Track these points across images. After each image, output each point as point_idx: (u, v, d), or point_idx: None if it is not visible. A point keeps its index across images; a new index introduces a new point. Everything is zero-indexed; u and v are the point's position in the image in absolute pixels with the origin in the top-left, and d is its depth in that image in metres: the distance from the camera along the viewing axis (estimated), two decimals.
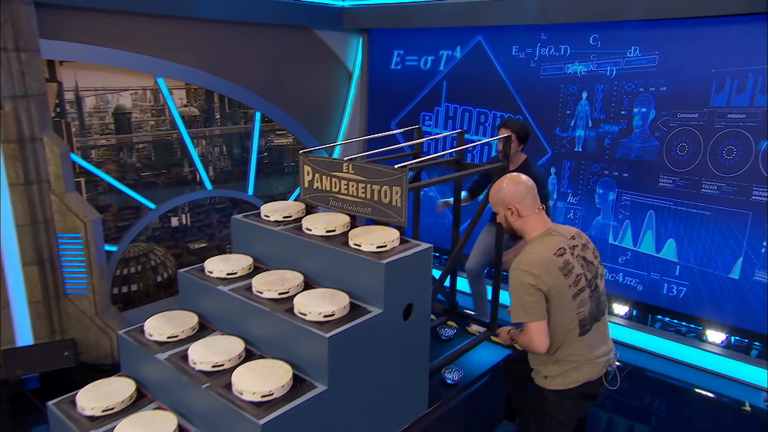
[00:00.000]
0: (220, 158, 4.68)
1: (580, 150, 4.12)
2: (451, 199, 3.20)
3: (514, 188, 2.12)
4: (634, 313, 4.14)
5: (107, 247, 4.02)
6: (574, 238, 2.15)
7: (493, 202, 2.18)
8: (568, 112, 4.15)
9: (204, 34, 4.25)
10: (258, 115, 4.82)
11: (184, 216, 4.49)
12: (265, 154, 4.99)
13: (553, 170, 4.27)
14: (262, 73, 4.71)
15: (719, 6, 3.30)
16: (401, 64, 5.19)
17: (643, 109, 3.80)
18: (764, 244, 3.48)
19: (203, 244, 4.64)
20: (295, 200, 2.81)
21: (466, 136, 4.73)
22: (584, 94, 4.02)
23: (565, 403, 2.13)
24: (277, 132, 5.05)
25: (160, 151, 4.27)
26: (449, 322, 3.02)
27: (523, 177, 2.15)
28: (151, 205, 4.25)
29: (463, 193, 3.28)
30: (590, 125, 4.03)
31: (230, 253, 2.47)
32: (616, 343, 4.02)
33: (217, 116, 4.59)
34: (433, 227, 5.11)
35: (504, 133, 3.15)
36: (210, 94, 4.51)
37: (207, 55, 4.31)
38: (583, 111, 4.05)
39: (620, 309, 4.17)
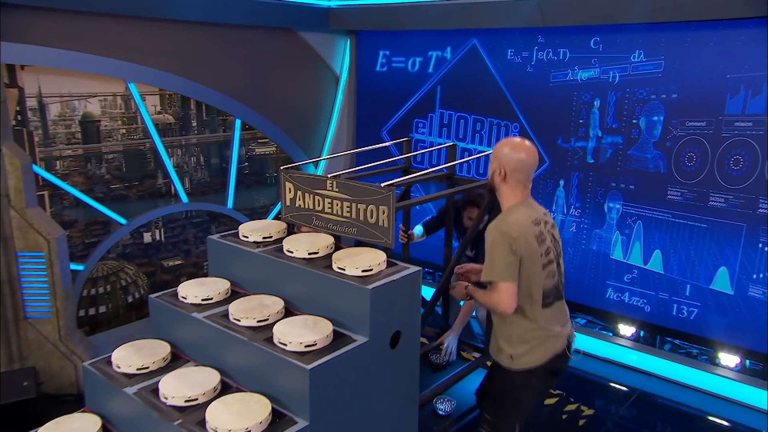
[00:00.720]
0: (196, 169, 4.69)
1: (591, 161, 4.13)
2: (418, 229, 3.22)
3: (515, 155, 2.20)
4: (642, 334, 4.17)
5: (73, 266, 4.00)
6: (546, 216, 2.32)
7: (494, 152, 2.27)
8: (572, 120, 4.19)
9: (179, 36, 4.27)
10: (238, 123, 4.84)
11: (157, 231, 4.49)
12: (246, 164, 5.01)
13: (561, 182, 4.30)
14: (242, 78, 4.73)
15: (721, 9, 3.37)
16: (387, 66, 5.22)
17: (654, 118, 3.84)
18: None
19: (178, 262, 4.63)
20: (275, 218, 2.83)
21: (462, 144, 4.76)
22: (596, 102, 4.03)
23: (532, 381, 2.26)
24: (259, 140, 5.07)
25: (131, 162, 4.27)
26: (441, 347, 3.03)
27: (533, 150, 2.22)
28: (122, 220, 4.25)
29: (419, 228, 3.28)
30: (600, 135, 4.06)
31: (207, 272, 2.47)
32: (622, 366, 4.06)
33: (194, 124, 4.61)
34: (426, 240, 5.12)
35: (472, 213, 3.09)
36: (186, 101, 4.52)
37: (182, 59, 4.33)
38: (594, 119, 4.08)
39: (626, 330, 4.20)
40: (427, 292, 3.38)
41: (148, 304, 2.54)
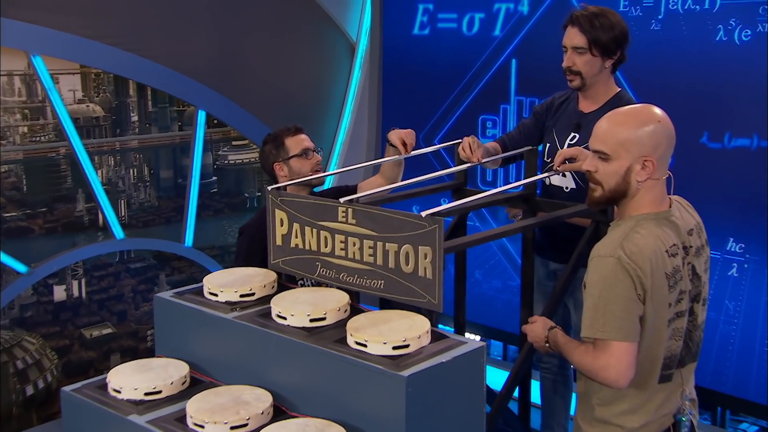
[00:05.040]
0: (137, 187, 4.73)
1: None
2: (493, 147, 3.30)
3: (664, 130, 2.24)
4: None
5: None
6: (692, 234, 2.33)
7: (619, 139, 2.23)
8: (731, 105, 4.13)
9: None
10: (202, 116, 4.90)
11: (75, 283, 4.51)
12: (214, 178, 5.05)
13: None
14: (207, 49, 4.78)
15: None
16: (430, 27, 5.24)
17: None
18: None
19: (107, 331, 4.66)
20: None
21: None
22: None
23: None
24: (234, 142, 5.13)
25: (36, 177, 4.31)
26: None
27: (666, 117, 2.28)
28: (20, 267, 4.26)
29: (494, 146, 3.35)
30: None
31: (152, 347, 2.52)
32: None
33: (134, 118, 4.68)
34: (498, 295, 5.12)
35: (575, 40, 3.14)
36: (122, 83, 4.60)
37: (116, 20, 4.39)
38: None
39: None
40: (496, 378, 3.38)
41: (58, 400, 2.59)
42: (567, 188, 3.28)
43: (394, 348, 2.08)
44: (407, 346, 2.10)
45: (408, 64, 5.44)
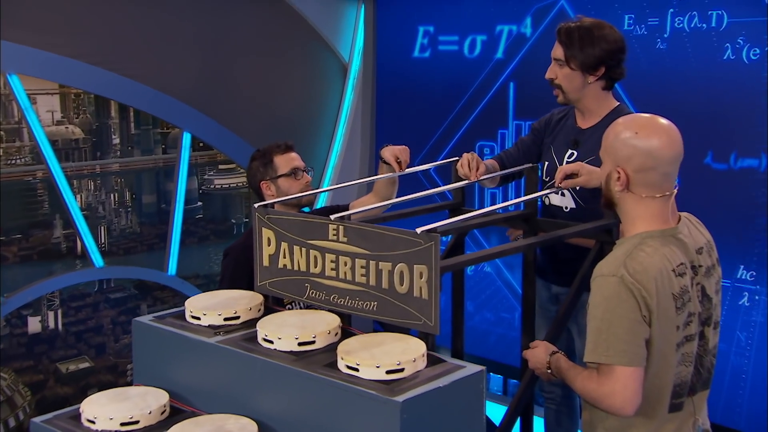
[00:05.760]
0: (118, 212, 4.70)
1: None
2: (490, 164, 3.27)
3: (642, 141, 2.19)
4: None
5: None
6: (702, 253, 2.31)
7: (604, 143, 2.28)
8: (737, 127, 4.13)
9: (91, 3, 4.33)
10: (187, 139, 4.88)
11: (51, 314, 4.47)
12: (199, 203, 5.03)
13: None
14: (193, 69, 4.77)
15: None
16: (430, 50, 5.26)
17: None
18: None
19: (85, 365, 4.61)
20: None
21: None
22: None
23: None
24: (221, 166, 5.11)
25: (11, 202, 4.28)
26: None
27: (672, 130, 2.23)
28: None
29: (490, 163, 3.31)
30: None
31: (130, 382, 2.47)
32: None
33: (116, 141, 4.66)
34: (494, 328, 5.07)
35: (556, 51, 3.14)
36: (103, 104, 4.58)
37: (96, 38, 4.37)
38: None
39: None
40: (496, 414, 3.32)
41: None
42: (567, 208, 3.24)
43: (388, 372, 2.04)
44: (402, 370, 2.06)
45: (404, 87, 5.45)
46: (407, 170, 3.16)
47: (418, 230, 2.15)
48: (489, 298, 5.08)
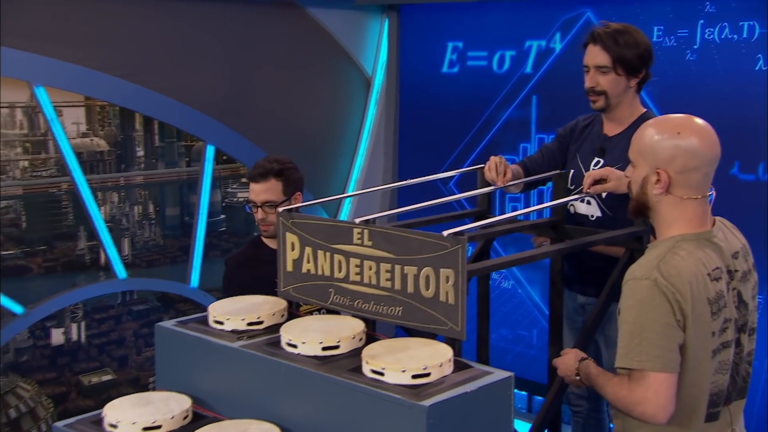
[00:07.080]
0: (142, 224, 4.74)
1: None
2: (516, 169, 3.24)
3: (685, 141, 2.16)
4: None
5: None
6: (737, 258, 2.29)
7: (635, 146, 2.25)
8: (755, 136, 4.12)
9: (118, 16, 4.39)
10: (210, 152, 4.92)
11: (74, 326, 4.51)
12: (222, 216, 5.06)
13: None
14: (217, 82, 4.82)
15: None
16: (459, 65, 5.28)
17: None
18: None
19: (107, 377, 4.63)
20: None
21: None
22: None
23: None
24: (243, 179, 5.12)
25: (36, 213, 4.34)
26: None
27: (709, 131, 2.21)
28: (16, 308, 4.26)
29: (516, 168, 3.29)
30: None
31: (152, 388, 2.47)
32: None
33: (140, 153, 4.71)
34: (512, 346, 5.04)
35: (597, 59, 3.10)
36: (128, 117, 4.64)
37: (122, 51, 4.43)
38: None
39: None
40: (519, 429, 3.30)
41: None
42: (593, 216, 3.21)
43: (414, 377, 2.02)
44: (428, 374, 2.03)
45: (428, 101, 5.46)
46: (429, 177, 3.16)
47: (445, 233, 2.15)
48: (506, 316, 5.05)
